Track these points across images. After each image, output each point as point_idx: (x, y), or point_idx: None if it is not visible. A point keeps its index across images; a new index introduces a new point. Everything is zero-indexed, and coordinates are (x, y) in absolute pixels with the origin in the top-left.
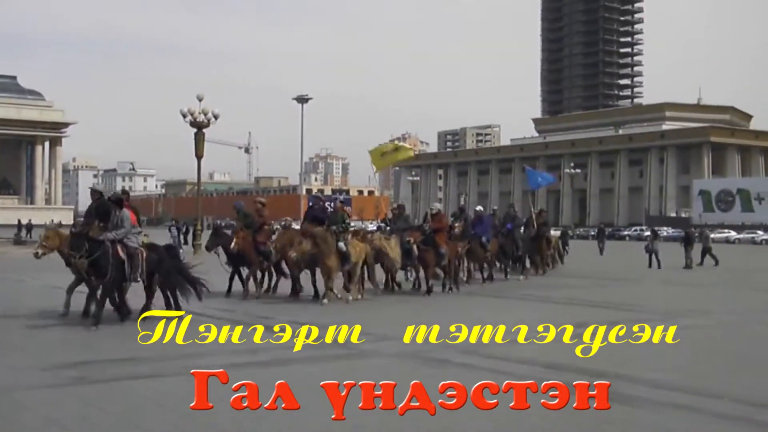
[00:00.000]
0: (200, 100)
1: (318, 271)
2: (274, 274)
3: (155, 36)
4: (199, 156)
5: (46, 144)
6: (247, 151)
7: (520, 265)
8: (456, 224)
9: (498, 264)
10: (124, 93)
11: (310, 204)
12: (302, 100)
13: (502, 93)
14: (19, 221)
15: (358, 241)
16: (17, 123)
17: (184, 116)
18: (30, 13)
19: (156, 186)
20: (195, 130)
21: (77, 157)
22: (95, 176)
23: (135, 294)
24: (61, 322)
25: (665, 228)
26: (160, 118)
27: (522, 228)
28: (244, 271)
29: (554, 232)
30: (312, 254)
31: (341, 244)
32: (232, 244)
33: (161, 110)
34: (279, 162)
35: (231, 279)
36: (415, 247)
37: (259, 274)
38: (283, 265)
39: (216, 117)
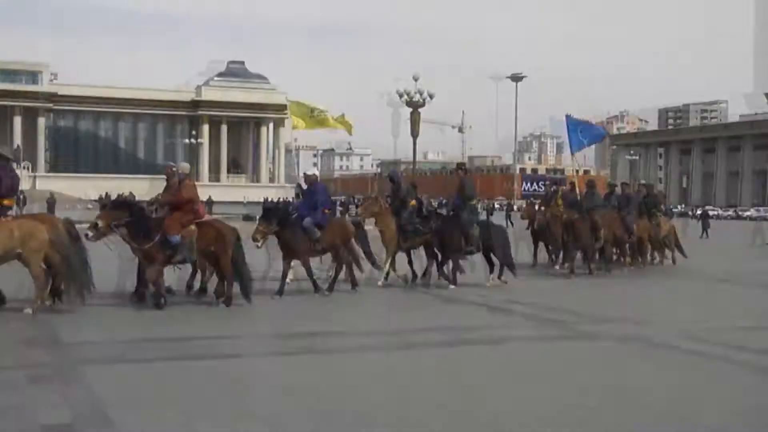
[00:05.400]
0: (416, 80)
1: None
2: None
3: (365, 18)
4: (414, 135)
5: (270, 125)
6: (460, 130)
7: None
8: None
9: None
10: (338, 75)
11: None
12: (516, 78)
13: (730, 67)
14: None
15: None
16: (246, 106)
17: (401, 96)
18: (251, 2)
19: (372, 165)
20: (410, 110)
21: (298, 138)
22: (315, 156)
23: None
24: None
25: None
26: (374, 99)
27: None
28: None
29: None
30: None
31: None
32: None
33: (375, 91)
34: (492, 141)
35: None
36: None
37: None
38: None
39: (431, 96)
